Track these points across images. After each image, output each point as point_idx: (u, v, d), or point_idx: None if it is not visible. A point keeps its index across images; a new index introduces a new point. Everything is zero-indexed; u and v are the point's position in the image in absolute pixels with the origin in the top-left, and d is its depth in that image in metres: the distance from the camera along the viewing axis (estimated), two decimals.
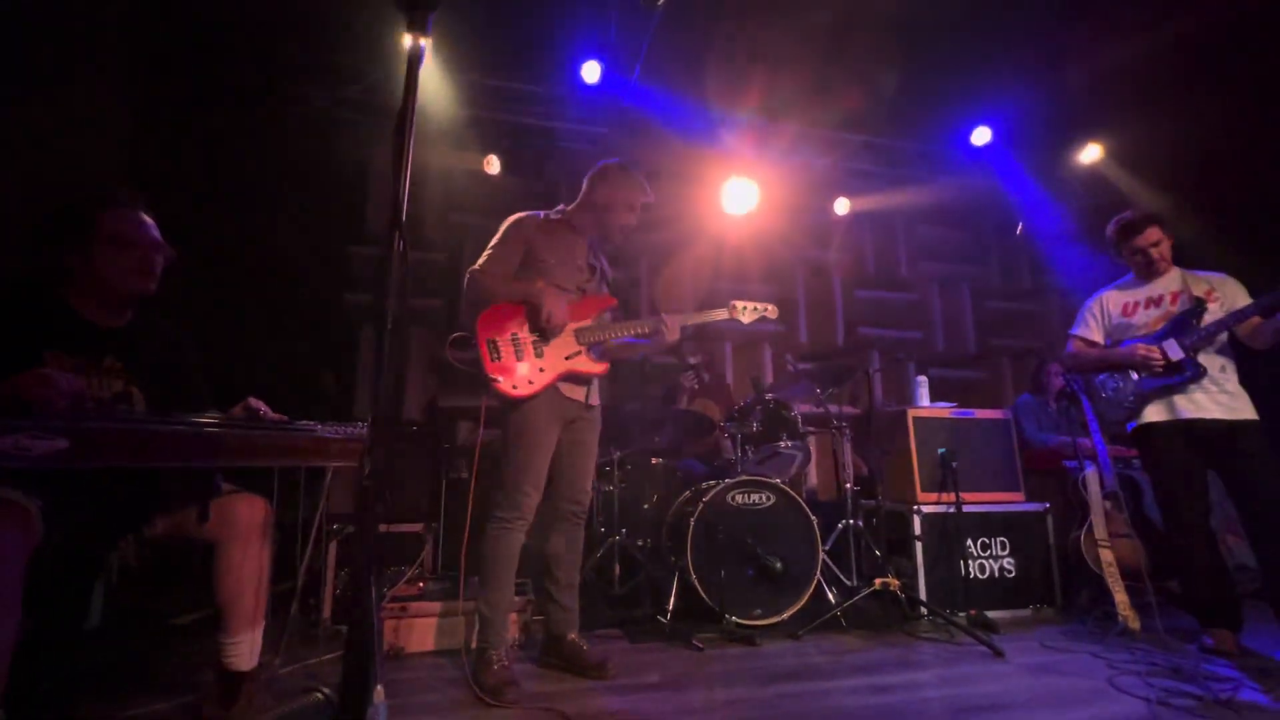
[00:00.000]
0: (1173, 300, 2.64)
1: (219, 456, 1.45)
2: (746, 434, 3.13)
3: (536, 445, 2.14)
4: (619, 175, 2.31)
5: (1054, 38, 3.99)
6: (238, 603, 1.60)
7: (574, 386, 2.23)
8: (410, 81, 0.90)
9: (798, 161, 4.97)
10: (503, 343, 2.11)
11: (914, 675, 2.21)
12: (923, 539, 3.02)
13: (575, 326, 2.21)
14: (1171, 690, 1.98)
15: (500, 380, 2.07)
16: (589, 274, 2.35)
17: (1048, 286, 5.43)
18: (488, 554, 2.12)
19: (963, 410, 3.36)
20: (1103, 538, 2.89)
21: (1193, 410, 2.50)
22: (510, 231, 2.25)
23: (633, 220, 2.31)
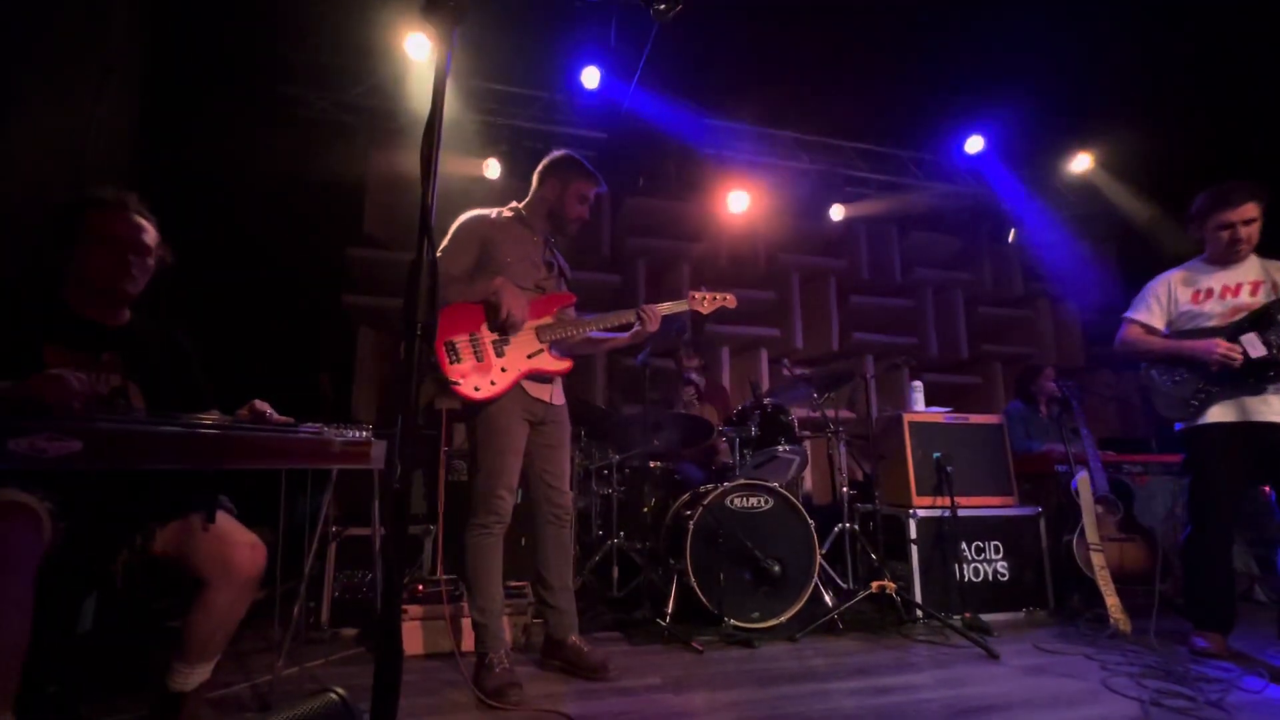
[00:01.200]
0: (1253, 290, 2.37)
1: (228, 458, 1.45)
2: (745, 438, 3.15)
3: (506, 447, 2.11)
4: (568, 166, 2.28)
5: (1045, 49, 4.06)
6: (201, 640, 1.53)
7: (538, 385, 2.20)
8: (438, 96, 0.91)
9: (794, 168, 5.02)
10: (461, 344, 2.07)
11: (911, 677, 2.23)
12: (918, 542, 3.05)
13: (536, 324, 2.17)
14: (1164, 691, 2.02)
15: (461, 383, 2.03)
16: (547, 271, 2.30)
17: (1039, 293, 5.52)
18: (470, 562, 2.10)
19: (957, 415, 3.41)
20: (1094, 541, 2.93)
21: (1265, 413, 2.28)
22: (462, 231, 2.18)
23: (585, 211, 2.28)
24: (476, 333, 2.09)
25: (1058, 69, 4.20)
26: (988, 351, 5.25)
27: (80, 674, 1.86)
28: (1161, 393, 2.44)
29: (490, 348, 2.10)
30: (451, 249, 2.15)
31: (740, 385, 4.63)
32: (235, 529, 1.62)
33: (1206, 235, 2.45)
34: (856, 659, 2.44)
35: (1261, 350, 2.24)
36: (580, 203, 2.27)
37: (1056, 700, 2.00)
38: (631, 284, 4.72)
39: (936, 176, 5.26)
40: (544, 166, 2.31)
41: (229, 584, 1.54)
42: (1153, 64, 4.16)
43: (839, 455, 3.55)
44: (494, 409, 2.10)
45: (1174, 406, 2.40)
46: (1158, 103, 4.35)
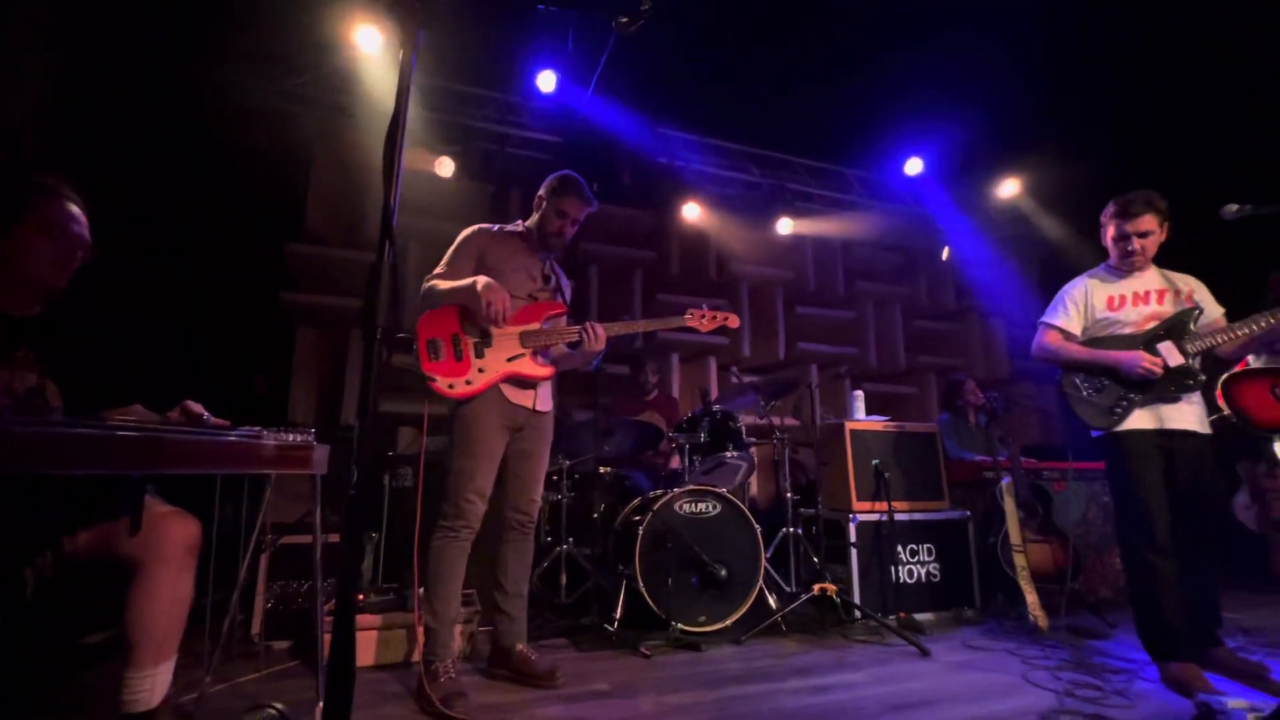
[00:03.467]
0: (1159, 298, 2.42)
1: (158, 463, 1.37)
2: (694, 444, 3.20)
3: (481, 451, 2.12)
4: (558, 183, 2.35)
5: (979, 81, 4.33)
6: (152, 634, 1.43)
7: (519, 391, 2.22)
8: (401, 98, 0.90)
9: (745, 180, 5.15)
10: (443, 343, 2.12)
11: (850, 676, 2.32)
12: (857, 546, 3.17)
13: (521, 329, 2.21)
14: (1076, 683, 2.18)
15: (436, 379, 2.08)
16: (543, 284, 2.37)
17: (969, 309, 5.84)
18: (432, 564, 2.09)
19: (894, 423, 3.57)
20: (1017, 543, 3.12)
21: (1178, 421, 2.31)
22: (463, 242, 2.29)
23: (565, 228, 2.34)
24: (459, 333, 2.14)
25: (989, 100, 4.48)
26: (923, 363, 5.52)
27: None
28: (1084, 400, 2.42)
29: (470, 348, 2.14)
30: (452, 259, 2.26)
31: (690, 392, 4.70)
32: (158, 503, 1.54)
33: (1108, 244, 2.52)
34: (799, 659, 2.51)
35: (1179, 359, 2.29)
36: (559, 218, 2.32)
37: (982, 694, 2.12)
38: (583, 290, 4.72)
39: (878, 195, 5.51)
40: (544, 183, 2.40)
41: (163, 559, 1.45)
42: (1074, 99, 4.50)
43: (784, 461, 3.65)
44: (471, 412, 2.12)
45: (1097, 415, 2.39)
46: (1078, 135, 4.70)
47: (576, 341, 2.26)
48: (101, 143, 3.37)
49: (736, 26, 4.11)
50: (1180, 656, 2.16)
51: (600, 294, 4.73)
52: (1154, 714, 1.92)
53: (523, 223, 2.42)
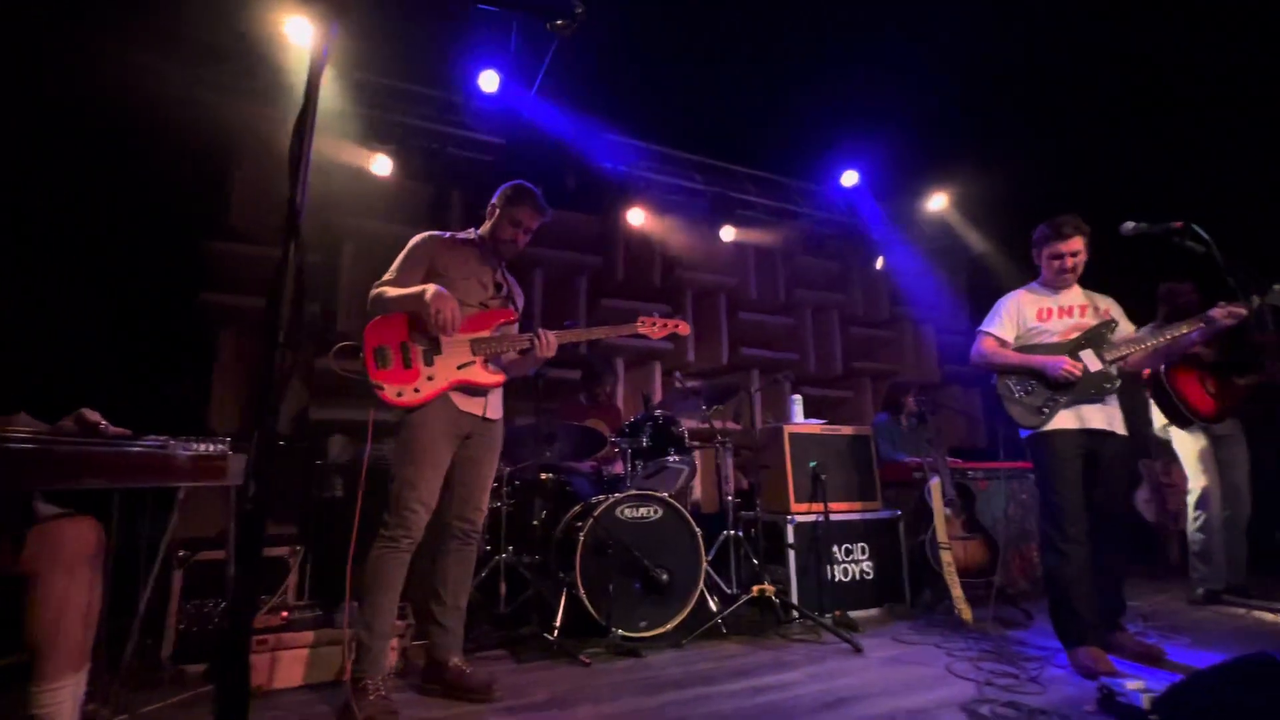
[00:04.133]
0: (1081, 312, 2.67)
1: (45, 477, 1.26)
2: (636, 449, 3.20)
3: (427, 459, 2.08)
4: (512, 192, 2.35)
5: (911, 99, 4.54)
6: (58, 642, 1.35)
7: (469, 398, 2.19)
8: (311, 90, 0.86)
9: (689, 187, 5.22)
10: (391, 350, 2.08)
11: (787, 675, 2.36)
12: (795, 547, 3.25)
13: (472, 337, 2.19)
14: (995, 672, 2.30)
15: (384, 387, 2.03)
16: (494, 291, 2.35)
17: (902, 316, 6.09)
18: (370, 576, 2.02)
19: (831, 427, 3.68)
20: (943, 540, 3.27)
21: (1097, 421, 2.53)
22: (412, 249, 2.26)
23: (519, 236, 2.35)
24: (407, 341, 2.11)
25: (919, 119, 4.71)
26: (859, 368, 5.72)
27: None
28: (1015, 401, 2.62)
29: (419, 356, 2.11)
30: (401, 266, 2.22)
31: (634, 397, 4.70)
32: (49, 508, 1.43)
33: (1042, 262, 2.73)
34: (738, 661, 2.54)
35: (1098, 364, 2.54)
36: (513, 226, 2.33)
37: (909, 686, 2.20)
38: (527, 294, 4.65)
39: (817, 205, 5.68)
40: (498, 192, 2.39)
41: (59, 565, 1.37)
42: (995, 121, 4.78)
43: (726, 465, 3.70)
44: (418, 420, 2.08)
45: (1027, 414, 2.59)
46: (999, 154, 4.99)
47: (527, 348, 2.24)
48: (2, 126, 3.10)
49: (682, 36, 4.16)
50: (1088, 641, 2.34)
51: (545, 298, 4.68)
52: (1063, 698, 2.04)
53: (475, 230, 2.41)
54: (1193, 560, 3.53)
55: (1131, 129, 4.66)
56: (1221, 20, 3.84)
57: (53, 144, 3.32)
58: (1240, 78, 4.12)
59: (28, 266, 3.07)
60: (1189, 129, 4.49)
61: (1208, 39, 3.93)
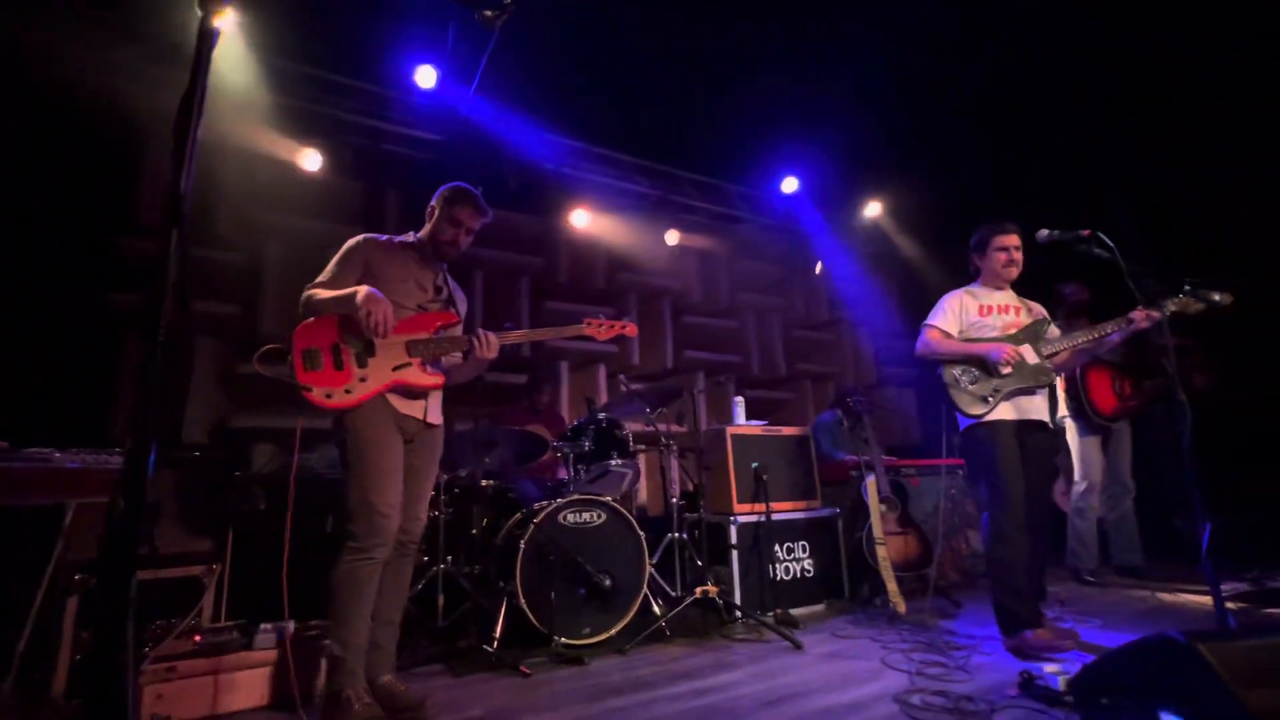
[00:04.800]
0: (1016, 312, 2.82)
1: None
2: (579, 453, 3.16)
3: (382, 461, 2.01)
4: (451, 193, 2.31)
5: (847, 109, 4.69)
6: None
7: (408, 401, 2.13)
8: (200, 62, 0.79)
9: (633, 190, 5.21)
10: (322, 352, 2.01)
11: (729, 676, 2.37)
12: (738, 547, 3.28)
13: (409, 338, 2.13)
14: (927, 662, 2.38)
15: (313, 389, 1.96)
16: (434, 295, 2.30)
17: (841, 319, 6.28)
18: (342, 589, 1.93)
19: (771, 427, 3.74)
20: (879, 536, 3.37)
21: (1033, 412, 2.67)
22: (347, 251, 2.19)
23: (460, 237, 2.29)
24: (339, 343, 2.04)
25: (855, 129, 4.87)
26: (800, 369, 5.86)
27: None
28: (962, 389, 2.71)
29: (352, 358, 2.04)
30: (335, 269, 2.15)
31: (578, 400, 4.65)
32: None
33: (988, 256, 2.85)
34: (682, 664, 2.54)
35: (1035, 358, 2.69)
36: (453, 227, 2.27)
37: (847, 681, 2.25)
38: (468, 295, 4.53)
39: (759, 210, 5.79)
40: (437, 193, 2.34)
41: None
42: (924, 134, 5.00)
43: (670, 467, 3.71)
44: (360, 419, 2.02)
45: (973, 402, 2.68)
46: (929, 165, 5.22)
47: (467, 350, 2.19)
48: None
49: (624, 39, 4.15)
50: (1037, 624, 2.48)
51: (486, 299, 4.57)
52: (989, 683, 2.13)
53: (415, 234, 2.35)
54: (1071, 544, 3.82)
55: (1053, 143, 4.95)
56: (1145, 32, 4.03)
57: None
58: (1158, 87, 4.39)
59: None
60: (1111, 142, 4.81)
61: (1129, 53, 4.18)
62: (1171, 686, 1.54)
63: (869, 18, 4.00)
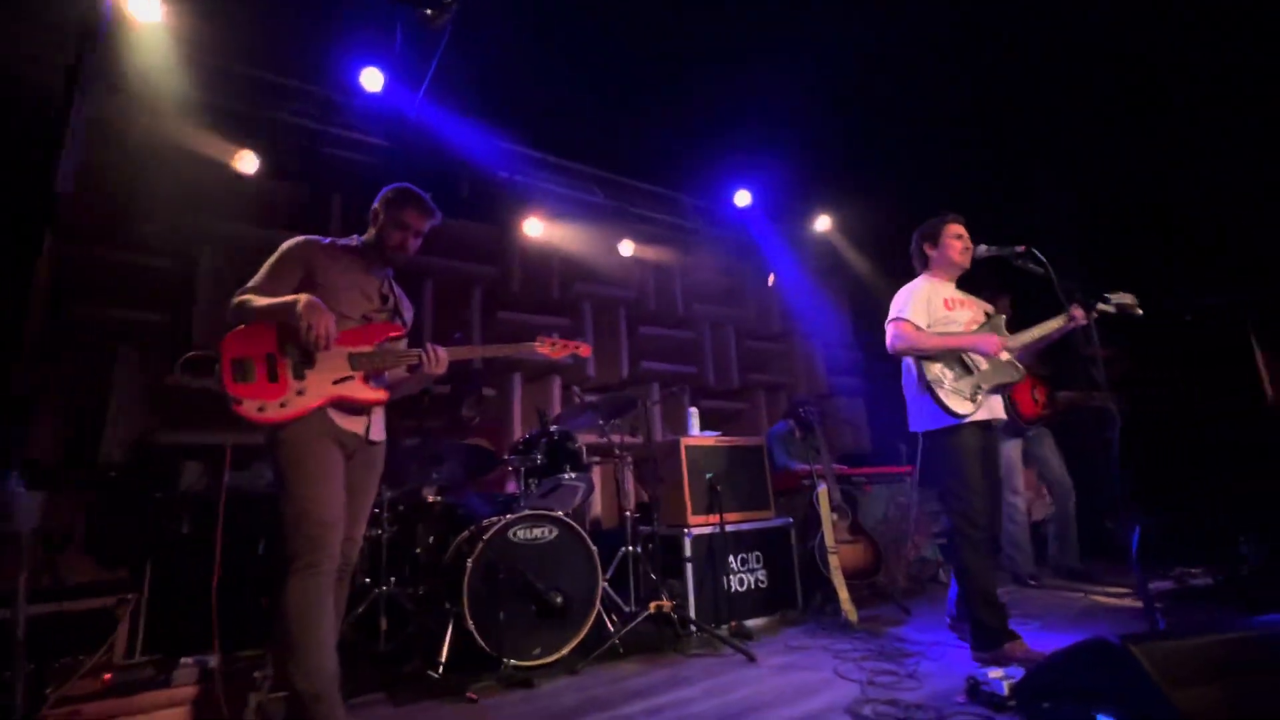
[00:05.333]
0: (970, 306, 2.77)
1: None
2: (530, 467, 3.08)
3: (322, 473, 1.88)
4: (395, 194, 2.20)
5: (799, 125, 4.79)
6: None
7: (349, 417, 2.01)
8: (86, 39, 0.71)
9: (588, 200, 5.18)
10: (255, 362, 1.87)
11: (684, 693, 2.33)
12: (692, 560, 3.25)
13: (352, 351, 2.01)
14: (878, 670, 2.40)
15: (243, 401, 1.81)
16: (379, 304, 2.19)
17: (792, 331, 6.40)
18: (292, 612, 1.75)
19: (725, 438, 3.74)
20: (831, 545, 3.42)
21: (998, 411, 2.65)
22: (285, 254, 2.06)
23: (408, 240, 2.18)
24: (275, 353, 1.90)
25: (806, 144, 4.98)
26: (753, 380, 5.92)
27: None
28: (948, 388, 2.56)
29: (288, 369, 1.90)
30: (270, 271, 2.02)
31: (530, 412, 4.56)
32: None
33: (943, 245, 2.75)
34: (635, 682, 2.49)
35: (1006, 355, 2.66)
36: (399, 230, 2.15)
37: (800, 693, 2.24)
38: (417, 305, 4.39)
39: (713, 222, 5.86)
40: (379, 195, 2.23)
41: None
42: (872, 151, 5.16)
43: (625, 480, 3.66)
44: (294, 433, 1.88)
45: (960, 402, 2.54)
46: (877, 182, 5.39)
47: (415, 365, 2.09)
48: None
49: (579, 50, 4.14)
50: (1009, 635, 2.41)
51: (436, 309, 4.44)
52: (938, 690, 2.16)
53: (358, 237, 2.24)
54: (1007, 548, 3.84)
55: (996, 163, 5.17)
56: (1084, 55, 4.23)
57: None
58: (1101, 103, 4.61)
59: None
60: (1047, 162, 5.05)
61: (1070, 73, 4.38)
62: (1107, 688, 1.59)
63: (819, 35, 4.11)
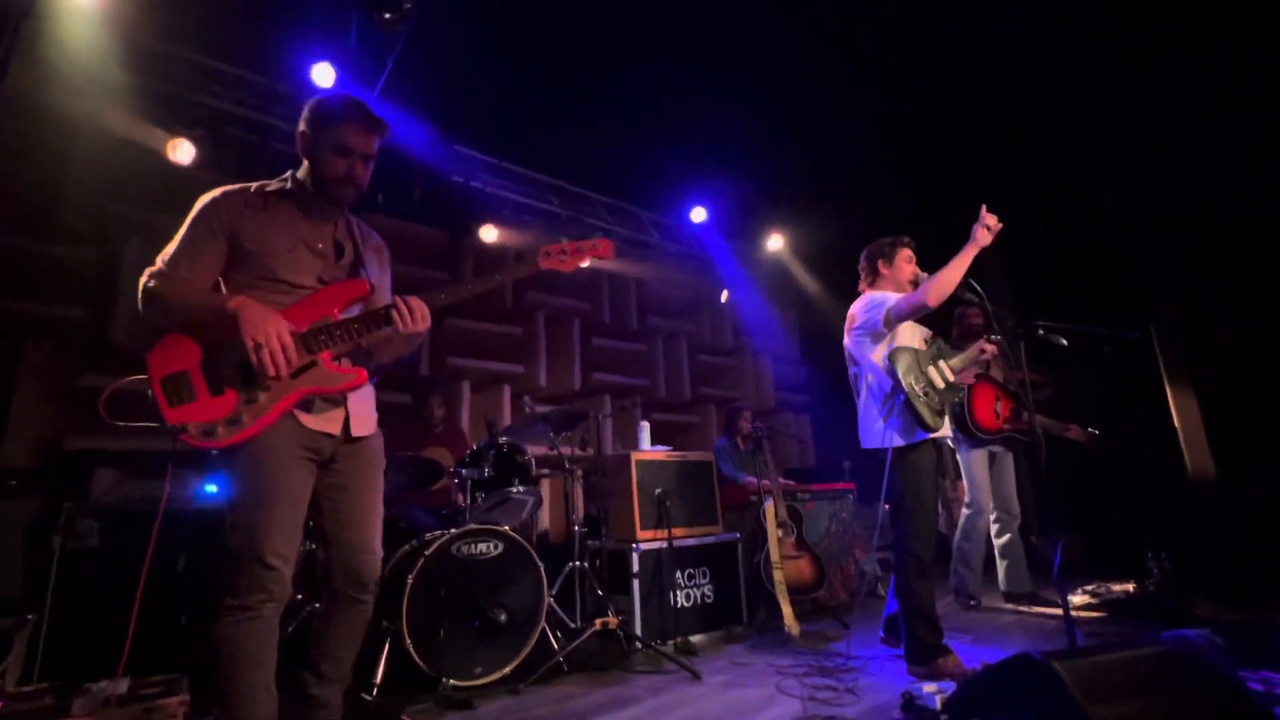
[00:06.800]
0: (913, 326, 2.78)
1: None
2: (477, 479, 3.01)
3: (273, 494, 1.55)
4: (320, 108, 1.69)
5: (752, 147, 4.91)
6: None
7: (320, 415, 1.63)
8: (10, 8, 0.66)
9: (546, 209, 5.16)
10: (190, 375, 1.52)
11: (627, 712, 2.31)
12: (639, 575, 3.23)
13: (309, 328, 1.61)
14: (819, 686, 2.44)
15: (189, 428, 1.49)
16: (334, 258, 1.74)
17: (744, 346, 6.51)
18: (223, 656, 1.49)
19: (676, 453, 3.76)
20: (776, 560, 3.46)
21: (947, 431, 2.67)
22: (202, 215, 1.62)
23: (352, 169, 1.69)
24: (211, 357, 1.55)
25: (760, 163, 5.11)
26: (705, 394, 5.99)
27: None
28: (922, 399, 2.53)
29: (234, 374, 1.54)
30: (185, 244, 1.60)
31: (479, 422, 4.47)
32: None
33: (896, 266, 2.77)
34: (577, 702, 2.44)
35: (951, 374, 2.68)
36: (339, 156, 1.66)
37: (743, 710, 2.26)
38: None
39: (669, 237, 5.92)
40: (302, 115, 1.72)
41: None
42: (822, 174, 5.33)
43: (574, 493, 3.62)
44: (250, 452, 1.55)
45: (931, 414, 2.52)
46: (827, 204, 5.56)
47: (383, 326, 1.65)
48: None
49: (539, 61, 4.12)
50: (944, 651, 2.45)
51: None
52: (876, 705, 2.22)
53: (292, 174, 1.75)
54: (955, 565, 3.87)
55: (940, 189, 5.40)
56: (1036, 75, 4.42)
57: None
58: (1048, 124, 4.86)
59: None
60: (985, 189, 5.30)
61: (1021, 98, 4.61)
62: (1031, 703, 1.66)
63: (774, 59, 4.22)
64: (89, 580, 2.29)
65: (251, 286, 1.61)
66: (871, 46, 4.18)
